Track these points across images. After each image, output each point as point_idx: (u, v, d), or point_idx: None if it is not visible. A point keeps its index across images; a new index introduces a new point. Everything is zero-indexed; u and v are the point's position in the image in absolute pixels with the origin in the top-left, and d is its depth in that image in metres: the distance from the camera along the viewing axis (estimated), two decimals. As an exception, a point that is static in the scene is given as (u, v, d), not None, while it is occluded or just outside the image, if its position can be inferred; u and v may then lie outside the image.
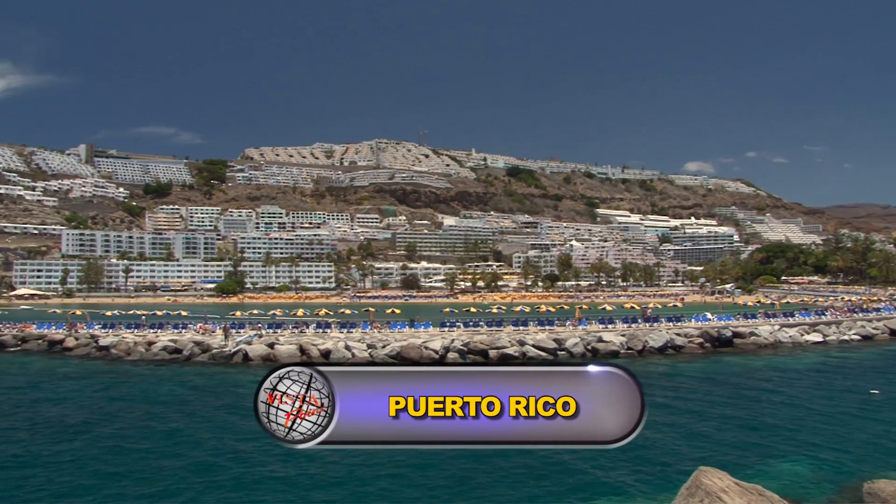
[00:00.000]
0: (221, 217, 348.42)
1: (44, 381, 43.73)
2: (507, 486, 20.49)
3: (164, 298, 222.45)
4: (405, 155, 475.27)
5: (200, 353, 53.06)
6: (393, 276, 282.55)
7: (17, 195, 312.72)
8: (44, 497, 19.63)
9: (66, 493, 20.02)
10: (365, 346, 52.00)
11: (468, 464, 21.99)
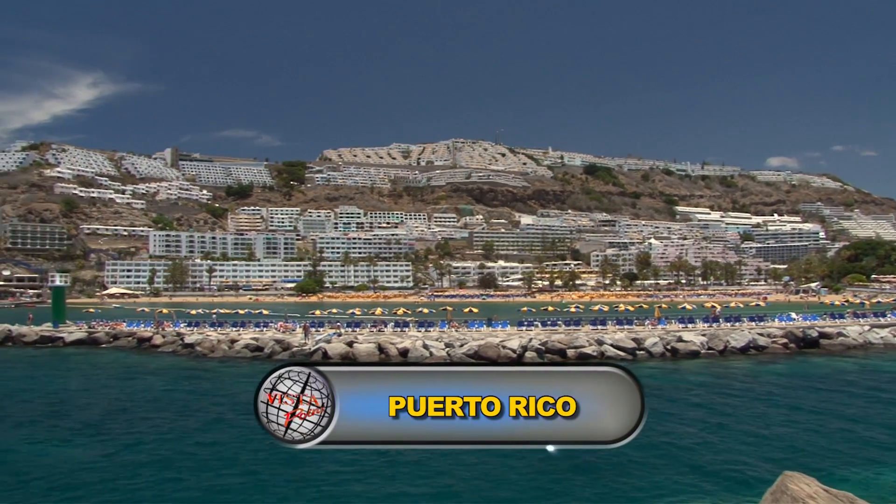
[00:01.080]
0: (301, 217, 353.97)
1: (134, 376, 45.11)
2: (581, 486, 20.26)
3: (245, 298, 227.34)
4: (482, 154, 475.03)
5: (281, 351, 53.93)
6: (470, 276, 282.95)
7: (109, 198, 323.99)
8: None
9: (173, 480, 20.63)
10: (443, 345, 52.09)
11: (536, 463, 21.82)
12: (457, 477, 20.72)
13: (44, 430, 28.33)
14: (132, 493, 19.88)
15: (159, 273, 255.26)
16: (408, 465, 21.33)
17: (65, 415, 31.95)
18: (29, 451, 24.75)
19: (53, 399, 36.22)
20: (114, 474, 21.71)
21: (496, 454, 21.23)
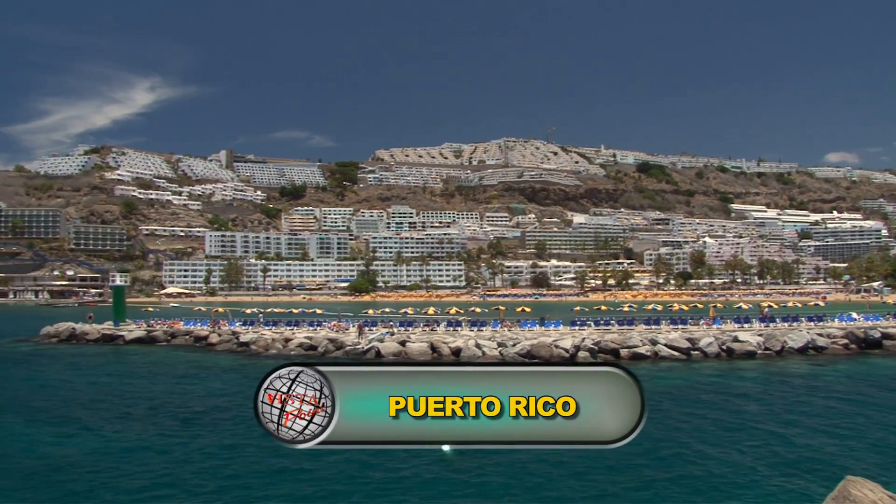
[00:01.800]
0: (354, 217, 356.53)
1: (193, 373, 45.91)
2: (636, 488, 20.10)
3: (299, 297, 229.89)
4: (533, 153, 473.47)
5: (334, 349, 54.36)
6: (523, 275, 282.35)
7: (166, 200, 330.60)
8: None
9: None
10: (495, 344, 52.00)
11: (588, 462, 21.72)
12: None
13: (115, 428, 28.96)
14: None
15: (215, 273, 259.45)
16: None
17: (156, 412, 32.62)
18: (112, 449, 25.33)
19: (133, 397, 36.99)
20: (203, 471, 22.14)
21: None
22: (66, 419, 30.55)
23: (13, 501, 19.04)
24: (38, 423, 29.68)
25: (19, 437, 26.85)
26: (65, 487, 20.25)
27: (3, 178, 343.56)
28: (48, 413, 32.11)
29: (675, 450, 24.08)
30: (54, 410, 32.79)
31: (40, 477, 21.27)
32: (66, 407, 33.73)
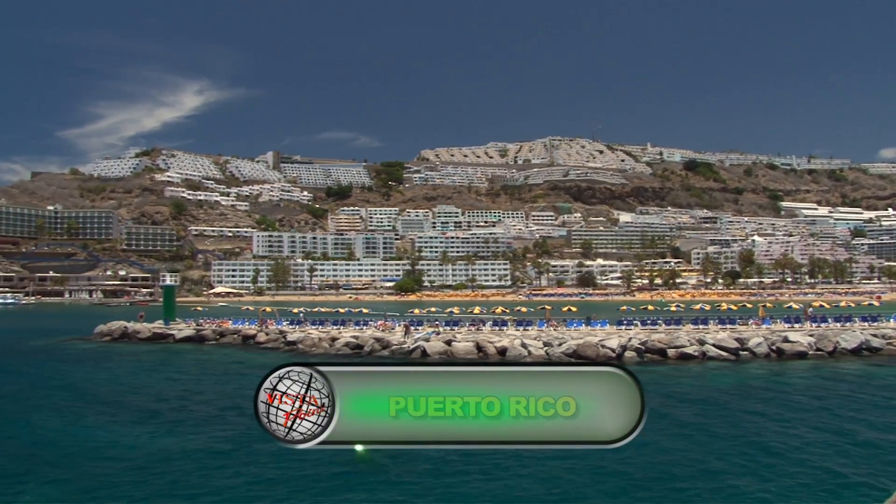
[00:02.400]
0: (399, 217, 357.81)
1: (241, 371, 46.55)
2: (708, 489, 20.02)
3: (346, 296, 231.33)
4: (579, 151, 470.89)
5: (381, 349, 54.71)
6: (569, 274, 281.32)
7: (214, 201, 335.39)
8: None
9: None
10: (541, 344, 51.88)
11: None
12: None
13: (167, 426, 29.54)
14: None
15: (262, 273, 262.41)
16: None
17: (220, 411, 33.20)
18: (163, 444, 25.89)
19: (189, 394, 37.67)
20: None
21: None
22: (137, 416, 31.22)
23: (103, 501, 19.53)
24: (109, 422, 30.34)
25: (92, 436, 27.53)
26: (149, 487, 20.74)
27: (59, 181, 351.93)
28: (115, 410, 32.91)
29: (732, 447, 23.93)
30: (121, 408, 33.54)
31: (118, 476, 21.78)
32: (132, 404, 34.46)
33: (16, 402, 35.24)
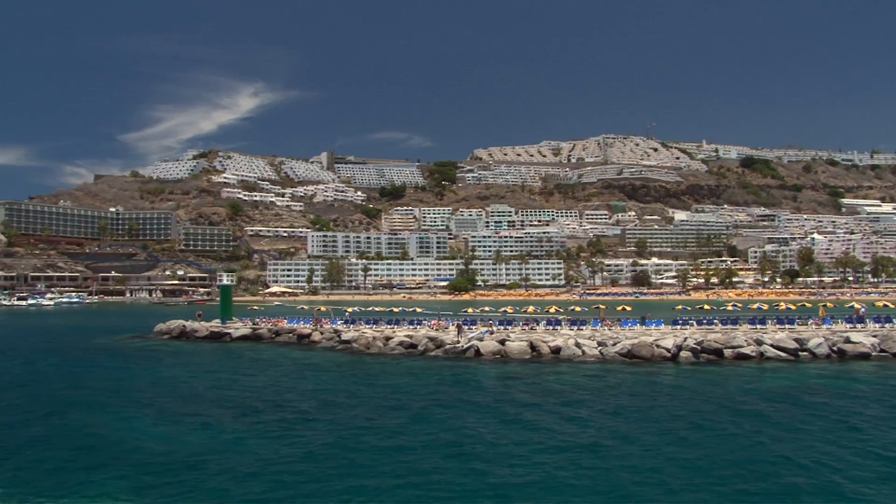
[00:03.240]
0: (453, 217, 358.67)
1: (296, 370, 47.08)
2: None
3: (399, 296, 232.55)
4: (633, 149, 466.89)
5: (434, 348, 54.90)
6: (623, 273, 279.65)
7: (270, 201, 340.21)
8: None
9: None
10: (595, 343, 51.62)
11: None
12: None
13: (248, 424, 30.02)
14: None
15: (317, 272, 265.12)
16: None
17: (278, 408, 33.71)
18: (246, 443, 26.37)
19: (256, 392, 38.29)
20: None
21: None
22: (194, 414, 31.81)
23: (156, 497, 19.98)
24: (170, 419, 31.05)
25: (155, 432, 28.19)
26: (203, 485, 21.14)
27: (121, 183, 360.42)
28: (173, 407, 33.53)
29: (795, 451, 23.56)
30: (180, 405, 34.19)
31: (178, 472, 22.27)
32: (191, 402, 35.14)
33: (80, 399, 36.12)
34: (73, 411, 32.68)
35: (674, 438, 25.74)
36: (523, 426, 28.10)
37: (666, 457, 23.09)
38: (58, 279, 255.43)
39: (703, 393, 35.75)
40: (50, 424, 29.82)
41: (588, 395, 35.39)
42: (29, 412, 32.59)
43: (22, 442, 26.59)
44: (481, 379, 41.71)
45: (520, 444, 24.84)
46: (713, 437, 25.76)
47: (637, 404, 32.76)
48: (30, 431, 28.47)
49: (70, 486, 20.69)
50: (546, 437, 25.85)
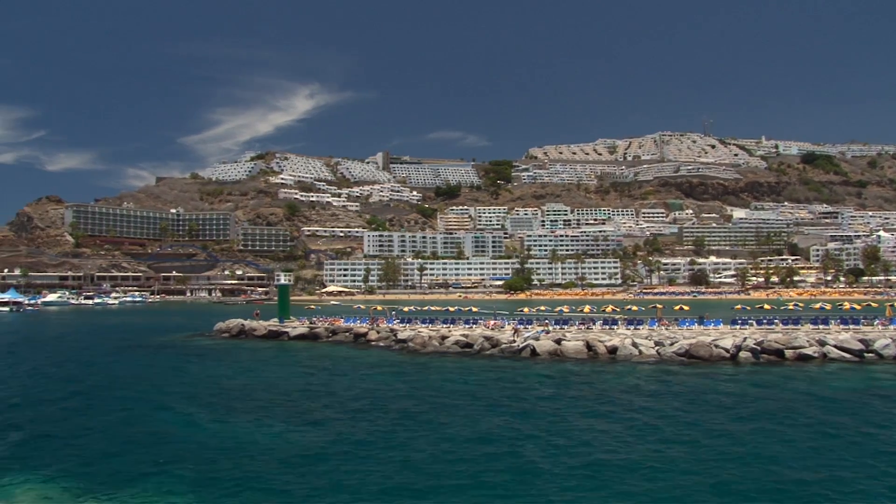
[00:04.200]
0: (508, 216, 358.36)
1: (352, 369, 47.48)
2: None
3: (455, 295, 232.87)
4: (690, 146, 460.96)
5: (490, 347, 54.92)
6: (680, 272, 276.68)
7: (326, 202, 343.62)
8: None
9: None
10: (652, 343, 51.16)
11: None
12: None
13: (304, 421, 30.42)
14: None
15: (373, 272, 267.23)
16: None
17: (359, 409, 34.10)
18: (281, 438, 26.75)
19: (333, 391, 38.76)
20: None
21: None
22: (250, 411, 32.30)
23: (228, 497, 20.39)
24: (228, 415, 31.53)
25: (213, 428, 28.71)
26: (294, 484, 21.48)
27: (181, 185, 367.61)
28: (231, 404, 34.09)
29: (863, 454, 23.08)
30: (238, 402, 34.76)
31: (232, 467, 22.67)
32: (248, 398, 35.72)
33: (142, 394, 36.95)
34: (135, 406, 33.52)
35: (735, 442, 25.20)
36: (579, 429, 27.68)
37: (734, 462, 22.56)
38: (122, 279, 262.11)
39: (765, 395, 35.05)
40: (113, 418, 30.66)
41: (647, 396, 34.99)
42: (94, 407, 33.47)
43: (85, 434, 27.41)
44: (537, 379, 41.56)
45: (576, 449, 24.59)
46: (777, 442, 25.23)
47: (698, 405, 32.24)
48: (93, 424, 29.31)
49: (129, 478, 21.27)
50: (603, 442, 25.36)
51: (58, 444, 25.87)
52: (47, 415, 31.81)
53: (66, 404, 34.43)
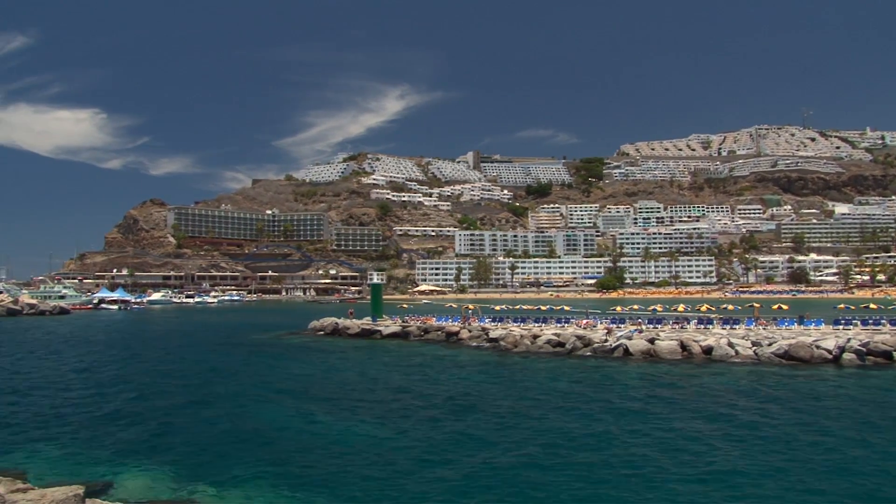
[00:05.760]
0: (600, 214, 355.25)
1: (443, 367, 47.80)
2: None
3: (546, 294, 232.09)
4: (788, 140, 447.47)
5: (582, 346, 54.51)
6: (778, 270, 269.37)
7: (418, 201, 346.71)
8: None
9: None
10: (749, 343, 49.97)
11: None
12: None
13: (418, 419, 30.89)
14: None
15: (465, 270, 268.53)
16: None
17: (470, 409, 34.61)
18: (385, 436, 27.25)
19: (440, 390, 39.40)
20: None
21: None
22: (343, 408, 32.83)
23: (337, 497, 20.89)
24: (322, 411, 32.07)
25: (308, 423, 29.28)
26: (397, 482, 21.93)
27: (276, 187, 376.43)
28: (325, 400, 34.68)
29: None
30: (331, 398, 35.38)
31: (327, 463, 23.19)
32: (341, 396, 36.29)
33: (240, 390, 37.99)
34: (237, 402, 34.47)
35: (844, 453, 24.17)
36: (675, 433, 26.76)
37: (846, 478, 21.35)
38: (220, 278, 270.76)
39: (873, 398, 33.67)
40: (217, 413, 31.64)
41: (747, 398, 34.01)
42: (200, 402, 34.57)
43: (192, 428, 28.39)
44: (631, 379, 41.08)
45: (686, 455, 24.07)
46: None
47: (802, 410, 31.01)
48: (200, 418, 30.34)
49: (231, 471, 21.88)
50: (699, 451, 24.15)
51: (167, 436, 26.89)
52: (158, 408, 33.08)
53: (174, 399, 35.68)
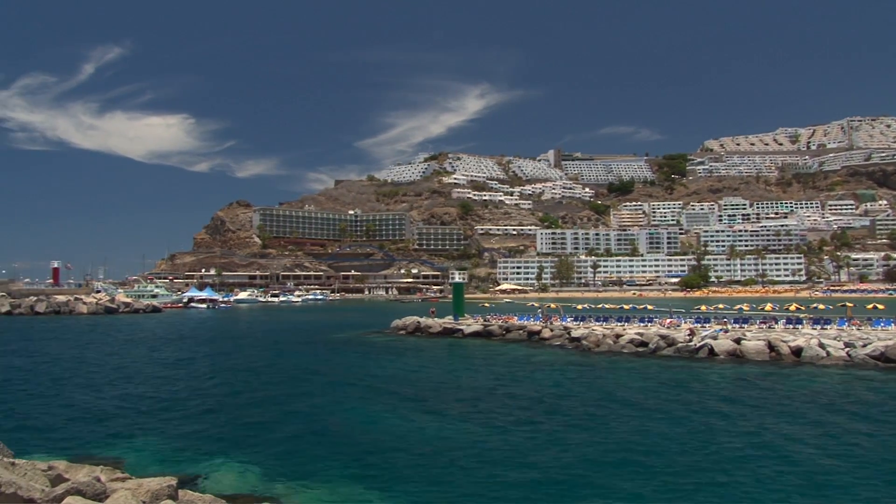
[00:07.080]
0: (683, 211, 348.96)
1: (525, 367, 47.81)
2: None
3: (629, 293, 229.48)
4: (883, 132, 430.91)
5: (665, 346, 53.83)
6: (873, 268, 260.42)
7: (499, 200, 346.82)
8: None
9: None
10: (842, 344, 48.52)
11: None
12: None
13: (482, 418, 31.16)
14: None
15: (546, 269, 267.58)
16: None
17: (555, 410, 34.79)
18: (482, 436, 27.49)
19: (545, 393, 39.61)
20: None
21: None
22: (427, 408, 33.16)
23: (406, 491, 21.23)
24: (404, 409, 32.45)
25: (392, 422, 29.65)
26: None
27: (358, 187, 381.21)
28: (407, 398, 35.04)
29: None
30: (414, 397, 35.74)
31: (408, 461, 23.48)
32: (424, 394, 36.60)
33: (330, 390, 38.68)
34: (323, 399, 35.20)
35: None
36: (765, 442, 25.50)
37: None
38: (304, 278, 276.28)
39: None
40: (302, 408, 32.45)
41: (840, 401, 32.96)
42: (286, 398, 35.42)
43: (279, 423, 29.12)
44: (717, 380, 40.38)
45: (759, 469, 23.76)
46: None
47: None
48: (286, 414, 31.05)
49: (315, 466, 22.32)
50: (793, 461, 22.89)
51: (257, 432, 27.55)
52: (248, 405, 34.05)
53: (263, 396, 36.65)
